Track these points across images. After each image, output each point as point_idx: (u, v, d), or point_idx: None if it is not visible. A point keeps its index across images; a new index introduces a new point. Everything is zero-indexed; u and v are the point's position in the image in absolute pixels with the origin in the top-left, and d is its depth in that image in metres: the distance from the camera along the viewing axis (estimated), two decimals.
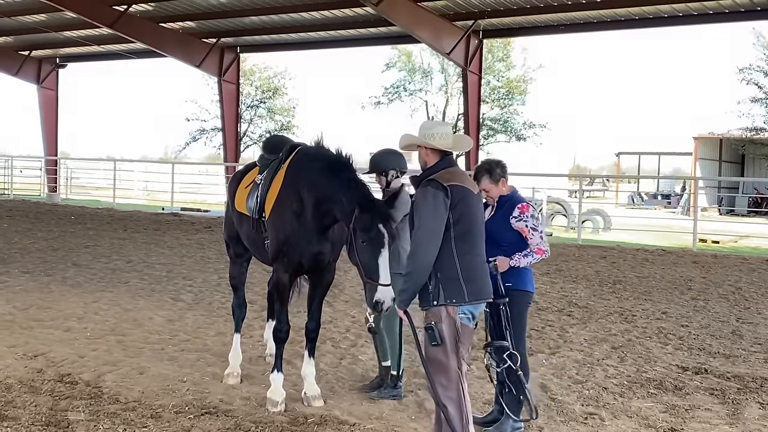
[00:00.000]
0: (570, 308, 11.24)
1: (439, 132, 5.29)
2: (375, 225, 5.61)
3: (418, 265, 4.92)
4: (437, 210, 4.90)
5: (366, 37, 26.72)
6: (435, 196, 4.94)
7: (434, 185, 4.98)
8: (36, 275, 12.63)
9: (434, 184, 4.99)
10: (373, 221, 5.62)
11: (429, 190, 4.99)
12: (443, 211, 4.91)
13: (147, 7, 25.00)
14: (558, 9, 21.62)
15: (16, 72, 33.37)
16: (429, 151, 5.25)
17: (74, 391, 6.77)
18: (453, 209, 4.94)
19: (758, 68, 35.36)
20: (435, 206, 4.91)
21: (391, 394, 6.90)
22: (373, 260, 5.59)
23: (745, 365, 8.35)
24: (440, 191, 4.94)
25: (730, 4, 20.22)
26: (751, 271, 15.45)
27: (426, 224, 4.92)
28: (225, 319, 9.51)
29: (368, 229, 5.62)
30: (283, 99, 45.19)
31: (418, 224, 4.96)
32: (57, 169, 33.96)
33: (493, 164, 6.05)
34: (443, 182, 4.98)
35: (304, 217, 6.43)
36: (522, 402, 6.10)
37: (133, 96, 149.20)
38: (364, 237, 5.63)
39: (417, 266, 4.93)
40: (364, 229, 5.64)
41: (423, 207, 4.97)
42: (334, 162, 6.31)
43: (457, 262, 4.94)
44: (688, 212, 34.24)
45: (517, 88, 42.60)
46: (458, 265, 4.94)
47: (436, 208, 4.91)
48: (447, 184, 4.97)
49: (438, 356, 4.94)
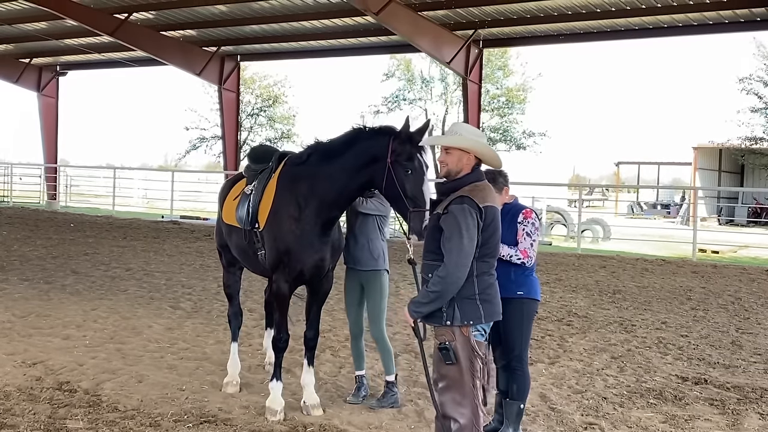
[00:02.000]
0: (569, 318, 11.24)
1: (485, 141, 5.12)
2: (416, 155, 5.85)
3: (450, 286, 4.70)
4: (471, 232, 4.70)
5: (366, 46, 26.76)
6: (471, 217, 4.72)
7: (470, 204, 4.74)
8: (35, 283, 12.63)
9: (470, 202, 4.75)
10: (415, 150, 5.86)
11: (465, 209, 4.73)
12: (476, 234, 4.73)
13: (148, 15, 25.05)
14: (558, 19, 21.68)
15: (16, 79, 33.41)
16: (472, 158, 4.97)
17: (73, 399, 6.76)
18: (483, 231, 4.77)
19: (758, 78, 35.40)
20: (469, 228, 4.70)
21: (389, 402, 6.90)
22: (418, 188, 5.81)
23: (745, 375, 8.33)
24: (475, 212, 4.74)
25: (729, 14, 20.27)
26: (750, 282, 15.45)
27: (461, 246, 4.68)
28: (224, 327, 9.49)
29: (411, 158, 5.84)
30: (283, 107, 45.23)
31: (452, 245, 4.70)
32: (57, 177, 33.98)
33: (496, 173, 6.04)
34: (479, 202, 4.76)
35: (304, 221, 6.42)
36: (523, 411, 6.11)
37: (133, 104, 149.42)
38: (410, 166, 5.84)
39: (448, 287, 4.70)
40: (408, 158, 5.84)
41: (459, 227, 4.71)
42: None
43: (475, 282, 4.78)
44: (688, 222, 34.26)
45: (516, 98, 42.66)
46: (476, 285, 4.78)
47: (470, 231, 4.70)
48: (483, 205, 4.76)
49: (452, 374, 4.79)
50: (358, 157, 6.12)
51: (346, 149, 6.25)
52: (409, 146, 5.85)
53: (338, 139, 6.41)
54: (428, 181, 5.89)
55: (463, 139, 4.96)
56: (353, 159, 6.16)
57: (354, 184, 6.24)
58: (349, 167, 6.18)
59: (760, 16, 20.15)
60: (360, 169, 6.11)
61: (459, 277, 4.70)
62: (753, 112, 35.44)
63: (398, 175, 5.84)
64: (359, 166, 6.11)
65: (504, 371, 6.11)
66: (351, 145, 6.23)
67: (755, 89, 35.28)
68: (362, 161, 6.09)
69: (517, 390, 6.06)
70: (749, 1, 19.17)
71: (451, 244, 4.71)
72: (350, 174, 6.19)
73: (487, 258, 4.83)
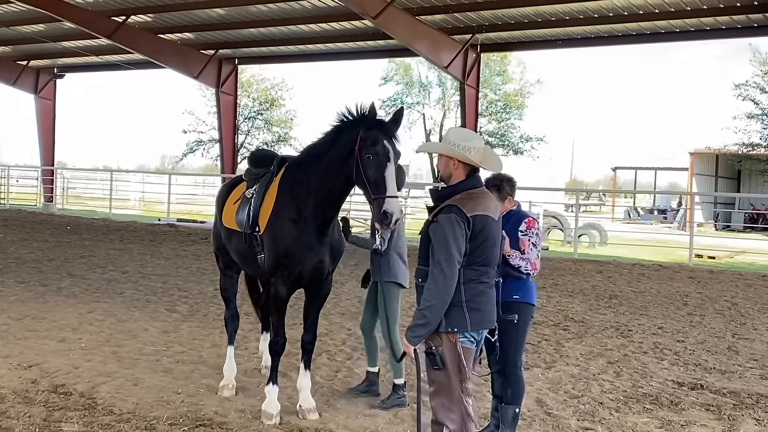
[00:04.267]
0: (566, 323, 11.23)
1: (475, 146, 4.86)
2: (381, 140, 5.82)
3: (441, 298, 4.63)
4: (458, 242, 4.63)
5: (364, 49, 26.79)
6: (458, 226, 4.63)
7: (457, 213, 4.66)
8: (31, 285, 12.60)
9: (457, 212, 4.66)
10: (379, 136, 5.83)
11: (452, 218, 4.66)
12: (463, 243, 4.65)
13: (146, 18, 25.03)
14: (555, 24, 21.71)
15: (13, 81, 33.39)
16: (460, 164, 4.85)
17: (68, 402, 6.74)
18: (472, 240, 4.68)
19: (755, 84, 35.47)
20: (456, 238, 4.63)
21: (395, 404, 6.98)
22: (380, 174, 5.77)
23: (741, 381, 8.34)
24: (463, 222, 4.65)
25: (727, 20, 20.32)
26: (747, 287, 15.47)
27: (448, 255, 4.62)
28: (220, 330, 9.47)
29: (375, 143, 5.81)
30: (281, 110, 45.24)
31: (439, 255, 4.64)
32: (54, 179, 33.94)
33: (504, 181, 5.99)
34: (467, 212, 4.67)
35: (302, 223, 6.41)
36: (519, 416, 6.11)
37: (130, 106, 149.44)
38: (371, 151, 5.82)
39: (439, 300, 4.63)
40: (371, 144, 5.83)
41: (445, 236, 4.65)
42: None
43: (462, 289, 4.68)
44: (685, 227, 34.29)
45: (514, 102, 42.76)
46: (463, 293, 4.69)
47: (457, 240, 4.63)
48: (471, 214, 4.67)
49: (440, 379, 4.77)
50: (339, 150, 6.13)
51: (330, 146, 6.28)
52: (375, 132, 5.86)
53: (324, 137, 6.43)
54: (392, 167, 5.81)
55: (435, 145, 4.99)
56: (336, 154, 6.17)
57: (341, 180, 6.22)
58: (334, 163, 6.18)
59: (757, 22, 20.19)
60: (342, 162, 6.10)
61: (449, 287, 4.63)
62: (749, 118, 35.51)
63: (362, 162, 5.87)
64: (341, 160, 6.11)
65: (499, 376, 6.11)
66: (334, 140, 6.25)
67: (751, 95, 35.35)
68: (342, 154, 6.10)
69: (512, 394, 6.05)
70: (746, 7, 19.21)
71: (439, 255, 4.66)
72: (337, 169, 6.18)
73: (476, 266, 4.73)
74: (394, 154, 5.83)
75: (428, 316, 4.65)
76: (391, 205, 5.70)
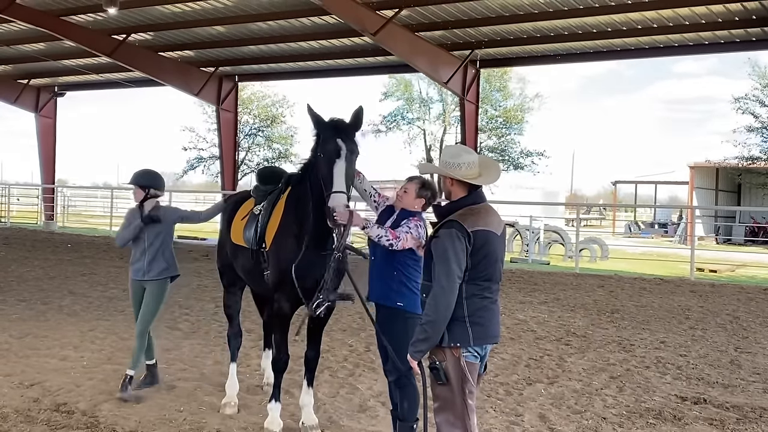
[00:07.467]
0: (568, 337, 11.21)
1: (466, 161, 4.86)
2: (333, 138, 5.90)
3: (441, 314, 4.63)
4: (459, 257, 4.63)
5: (364, 66, 26.84)
6: (459, 241, 4.64)
7: (458, 229, 4.67)
8: (32, 303, 12.59)
9: (458, 227, 4.67)
10: (331, 136, 5.91)
11: (453, 233, 4.67)
12: (464, 258, 4.65)
13: (146, 36, 25.13)
14: (554, 39, 21.77)
15: (14, 100, 33.45)
16: (455, 182, 4.88)
17: (70, 421, 6.73)
18: (473, 255, 4.67)
19: (754, 98, 35.53)
20: (457, 253, 4.63)
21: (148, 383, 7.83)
22: (327, 170, 5.85)
23: (744, 395, 8.32)
24: (463, 237, 4.65)
25: (725, 35, 20.38)
26: (749, 301, 15.45)
27: (448, 271, 4.62)
28: (222, 348, 9.46)
29: (326, 141, 5.92)
30: (282, 127, 45.29)
31: (440, 270, 4.66)
32: (54, 197, 33.97)
33: (432, 188, 5.97)
34: (468, 227, 4.67)
35: (303, 239, 6.39)
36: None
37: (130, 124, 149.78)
38: (322, 149, 5.93)
39: (439, 315, 4.63)
40: (322, 142, 5.96)
41: (446, 252, 4.66)
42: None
43: (464, 304, 4.68)
44: (686, 241, 34.27)
45: (514, 118, 42.84)
46: (465, 307, 4.69)
47: (458, 255, 4.63)
48: (471, 230, 4.67)
49: (444, 394, 4.76)
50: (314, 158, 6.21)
51: (314, 155, 6.29)
52: (327, 132, 5.96)
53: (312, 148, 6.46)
54: (342, 163, 5.82)
55: (428, 166, 5.01)
56: (316, 162, 6.18)
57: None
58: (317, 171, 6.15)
59: (755, 36, 20.25)
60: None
61: (449, 303, 4.64)
62: (749, 131, 35.54)
63: (317, 161, 5.98)
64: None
65: (395, 386, 6.02)
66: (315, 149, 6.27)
67: (751, 108, 35.40)
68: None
69: (408, 408, 5.91)
70: (745, 21, 19.28)
71: (439, 270, 4.67)
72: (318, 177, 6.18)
73: (479, 281, 4.73)
74: (347, 152, 5.87)
75: (429, 331, 4.66)
76: (335, 201, 5.72)
